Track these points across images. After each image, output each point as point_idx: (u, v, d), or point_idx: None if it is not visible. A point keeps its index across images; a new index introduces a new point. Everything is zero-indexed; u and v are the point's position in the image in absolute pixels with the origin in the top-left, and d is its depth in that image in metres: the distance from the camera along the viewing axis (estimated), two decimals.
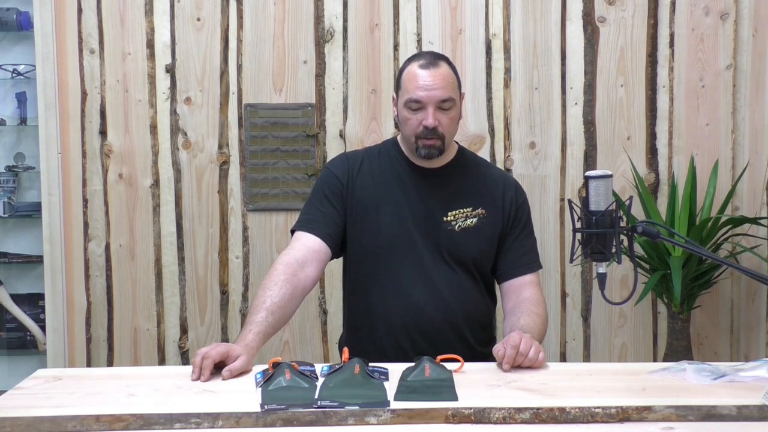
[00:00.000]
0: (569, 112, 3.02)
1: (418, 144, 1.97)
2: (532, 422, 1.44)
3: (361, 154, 2.13)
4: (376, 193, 2.04)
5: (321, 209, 2.05)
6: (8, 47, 3.18)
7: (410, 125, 1.97)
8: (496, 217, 2.05)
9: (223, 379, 1.66)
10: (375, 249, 2.01)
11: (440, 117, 1.95)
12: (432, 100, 1.93)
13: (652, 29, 3.00)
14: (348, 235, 2.05)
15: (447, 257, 2.01)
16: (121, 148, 3.01)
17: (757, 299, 3.00)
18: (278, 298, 1.92)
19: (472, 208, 2.03)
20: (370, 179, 2.06)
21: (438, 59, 1.98)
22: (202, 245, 3.04)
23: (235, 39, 3.00)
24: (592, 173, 1.60)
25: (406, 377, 1.61)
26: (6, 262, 3.17)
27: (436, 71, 1.94)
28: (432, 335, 1.98)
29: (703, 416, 1.45)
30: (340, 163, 2.11)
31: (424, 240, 2.00)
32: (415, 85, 1.94)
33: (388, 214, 2.02)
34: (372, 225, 2.02)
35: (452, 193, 2.04)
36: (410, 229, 2.01)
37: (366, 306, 2.05)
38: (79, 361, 3.04)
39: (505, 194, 2.08)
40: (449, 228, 2.01)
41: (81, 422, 1.43)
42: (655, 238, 1.61)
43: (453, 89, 1.97)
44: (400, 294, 1.99)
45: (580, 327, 3.07)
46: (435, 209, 2.02)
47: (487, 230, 2.04)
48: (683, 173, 2.96)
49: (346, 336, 2.15)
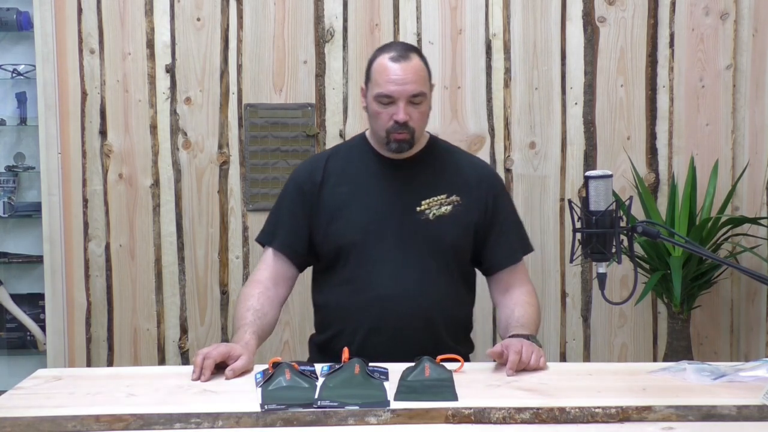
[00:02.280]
0: (569, 112, 3.02)
1: (389, 138, 1.94)
2: (532, 422, 1.44)
3: (326, 155, 2.11)
4: (345, 191, 2.01)
5: (285, 222, 2.05)
6: (8, 47, 3.18)
7: (381, 120, 1.94)
8: (471, 205, 2.01)
9: (227, 379, 1.67)
10: (343, 246, 1.98)
11: (411, 111, 1.91)
12: (403, 95, 1.90)
13: (652, 29, 3.00)
14: (317, 237, 2.02)
15: (422, 248, 1.97)
16: (121, 148, 3.01)
17: (757, 299, 3.00)
18: (259, 305, 1.95)
19: (446, 195, 1.99)
20: (337, 177, 2.03)
21: (409, 51, 1.95)
22: (202, 245, 3.04)
23: (235, 39, 3.00)
24: (592, 173, 1.60)
25: (406, 377, 1.61)
26: (6, 262, 3.16)
27: (408, 65, 1.91)
28: (400, 330, 1.93)
29: (703, 416, 1.45)
30: (302, 170, 2.10)
31: (398, 233, 1.97)
32: (386, 79, 1.91)
33: (357, 209, 1.99)
34: (341, 222, 1.99)
35: (425, 182, 2.00)
36: (381, 223, 1.97)
37: (338, 306, 2.01)
38: (79, 361, 3.04)
39: (482, 183, 2.04)
40: (423, 217, 1.97)
41: (81, 422, 1.43)
42: (655, 238, 1.61)
43: (424, 83, 1.94)
44: (368, 290, 1.96)
45: (580, 327, 3.07)
46: (408, 200, 1.98)
47: (463, 217, 2.00)
48: (683, 173, 2.96)
49: (316, 336, 2.11)
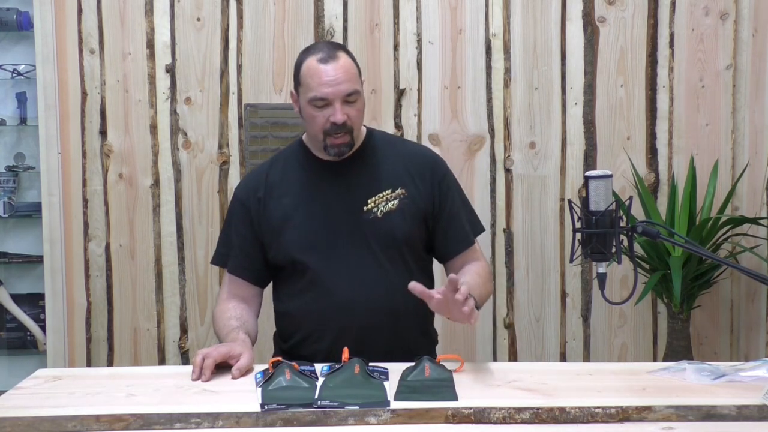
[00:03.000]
0: (569, 112, 3.02)
1: (327, 143, 1.90)
2: (532, 422, 1.44)
3: (265, 167, 2.06)
4: (289, 201, 1.97)
5: (237, 244, 2.02)
6: (8, 47, 3.18)
7: (317, 123, 1.90)
8: (418, 195, 1.98)
9: (233, 378, 1.67)
10: (296, 256, 1.95)
11: (347, 111, 1.88)
12: (338, 96, 1.87)
13: (652, 29, 3.00)
14: (270, 251, 1.99)
15: (375, 247, 1.94)
16: (121, 148, 3.01)
17: (757, 299, 3.00)
18: (238, 314, 1.95)
19: (392, 190, 1.96)
20: (279, 189, 1.99)
21: (336, 50, 1.91)
22: (202, 245, 3.04)
23: (235, 39, 3.00)
24: (592, 173, 1.60)
25: (406, 377, 1.61)
26: (6, 262, 3.16)
27: (337, 64, 1.87)
28: (365, 329, 1.90)
29: (703, 416, 1.45)
30: (243, 186, 2.06)
31: (347, 235, 1.94)
32: (318, 82, 1.87)
33: (304, 219, 1.95)
34: (290, 234, 1.95)
35: (368, 180, 1.97)
36: (330, 229, 1.94)
37: (299, 313, 1.98)
38: (79, 361, 3.04)
39: (424, 171, 2.01)
40: (371, 216, 1.94)
41: (81, 422, 1.43)
42: (655, 238, 1.61)
43: (356, 80, 1.91)
44: (327, 295, 1.93)
45: (580, 327, 3.07)
46: (353, 201, 1.95)
47: (411, 209, 1.96)
48: (683, 173, 2.96)
49: (282, 343, 2.06)
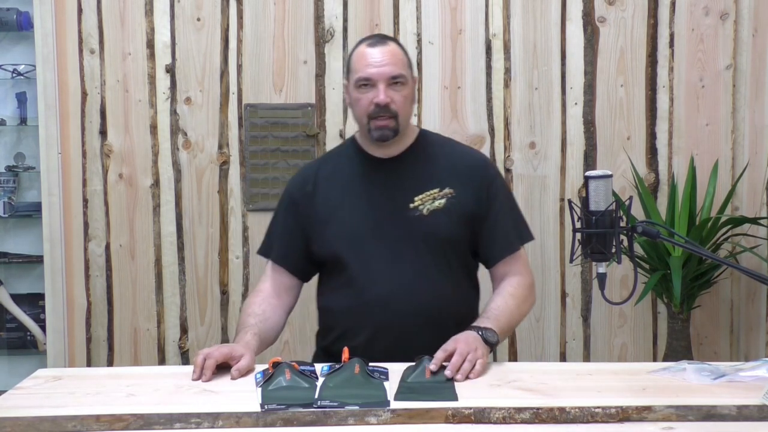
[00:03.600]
0: (569, 112, 3.02)
1: (371, 126, 1.90)
2: (532, 422, 1.44)
3: (317, 163, 2.10)
4: (336, 196, 1.99)
5: (282, 236, 2.04)
6: (8, 47, 3.18)
7: (361, 105, 1.90)
8: (466, 196, 1.97)
9: (233, 379, 1.67)
10: (339, 250, 1.96)
11: (392, 94, 1.88)
12: (382, 77, 1.87)
13: (652, 29, 3.00)
14: (314, 246, 2.01)
15: (419, 244, 1.93)
16: (121, 148, 3.01)
17: (757, 299, 3.00)
18: (260, 311, 1.95)
19: (439, 189, 1.95)
20: (328, 184, 2.01)
21: (386, 38, 1.95)
22: (202, 245, 3.04)
23: (235, 39, 3.00)
24: (592, 173, 1.60)
25: (407, 378, 1.61)
26: (6, 262, 3.16)
27: (385, 48, 1.90)
28: (403, 329, 1.90)
29: (703, 416, 1.45)
30: (294, 181, 2.09)
31: (392, 232, 1.94)
32: (363, 63, 1.89)
33: (349, 213, 1.97)
34: (335, 228, 1.97)
35: (416, 178, 1.97)
36: (375, 224, 1.95)
37: (339, 309, 1.99)
38: (79, 361, 3.04)
39: (474, 173, 2.00)
40: (417, 214, 1.93)
41: (81, 422, 1.43)
42: (655, 238, 1.61)
43: (404, 66, 1.92)
44: (366, 292, 1.93)
45: (580, 327, 3.07)
46: (400, 198, 1.95)
47: (458, 209, 1.95)
48: (683, 173, 2.96)
49: (321, 339, 2.08)
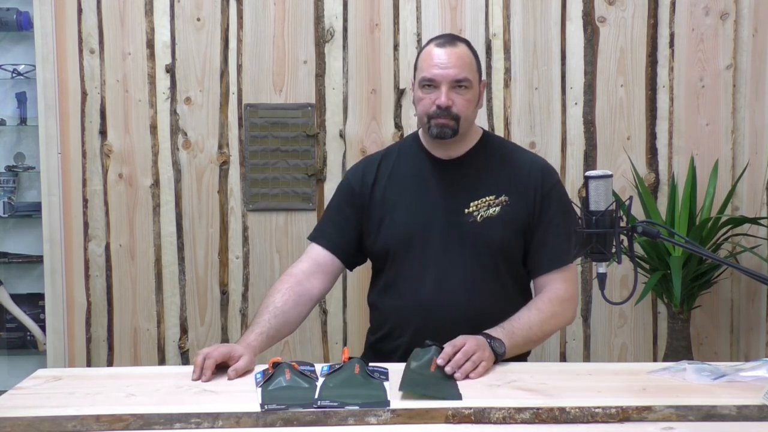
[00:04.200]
0: (569, 112, 3.02)
1: (431, 124, 1.91)
2: (532, 422, 1.44)
3: (379, 155, 2.10)
4: (393, 192, 1.99)
5: (333, 219, 2.05)
6: (8, 47, 3.18)
7: (423, 105, 1.92)
8: (521, 205, 1.95)
9: (229, 379, 1.67)
10: (391, 249, 1.97)
11: (455, 97, 1.89)
12: (446, 79, 1.88)
13: (652, 29, 3.00)
14: (369, 239, 2.02)
15: (470, 252, 1.92)
16: (121, 148, 3.01)
17: (757, 299, 3.00)
18: (281, 303, 1.94)
19: (495, 196, 1.94)
20: (387, 179, 2.01)
21: (456, 40, 1.94)
22: (202, 245, 3.04)
23: (235, 39, 3.00)
24: (592, 173, 1.60)
25: (412, 365, 1.63)
26: (6, 262, 3.16)
27: (452, 50, 1.90)
28: (441, 335, 1.87)
29: (703, 416, 1.45)
30: (355, 170, 2.10)
31: (444, 236, 1.93)
32: (429, 64, 1.89)
33: (404, 212, 1.97)
34: (389, 225, 1.98)
35: (474, 183, 1.96)
36: (427, 226, 1.95)
37: (385, 308, 2.02)
38: (79, 361, 3.04)
39: (530, 182, 1.97)
40: (471, 220, 1.93)
41: (81, 422, 1.43)
42: (655, 238, 1.61)
43: (470, 70, 1.91)
44: (411, 294, 1.95)
45: (580, 327, 3.07)
46: (456, 201, 1.95)
47: (511, 218, 1.94)
48: (683, 173, 2.96)
49: (371, 335, 2.10)
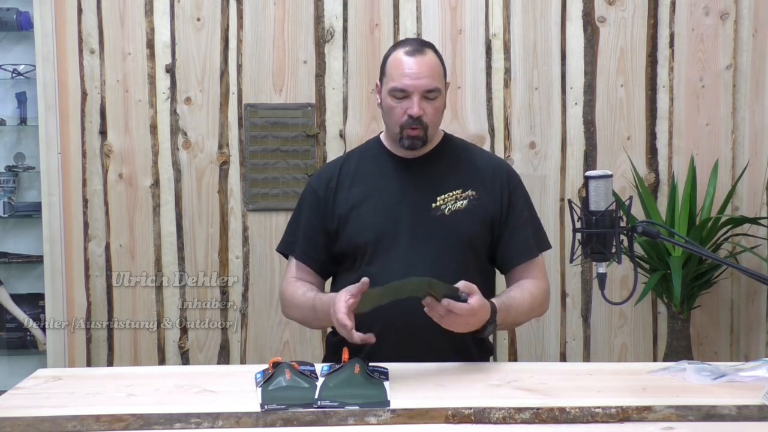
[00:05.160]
0: (569, 112, 3.02)
1: (402, 134, 1.94)
2: (532, 422, 1.44)
3: (341, 160, 2.11)
4: (358, 191, 2.01)
5: (301, 229, 2.05)
6: (8, 47, 3.18)
7: (395, 114, 1.93)
8: (487, 200, 1.99)
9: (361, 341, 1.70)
10: (357, 246, 1.98)
11: (425, 106, 1.91)
12: (418, 89, 1.90)
13: (652, 29, 3.00)
14: (333, 240, 2.02)
15: (438, 243, 1.94)
16: (121, 148, 3.01)
17: (757, 299, 3.00)
18: (309, 287, 1.99)
19: (462, 191, 1.98)
20: (351, 180, 2.03)
21: (424, 46, 1.95)
22: (202, 245, 3.04)
23: (235, 39, 3.00)
24: (592, 173, 1.60)
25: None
26: (6, 262, 3.16)
27: (423, 59, 1.91)
28: (414, 329, 1.88)
29: (703, 416, 1.45)
30: (318, 176, 2.11)
31: (412, 230, 1.95)
32: (400, 73, 1.91)
33: (370, 209, 1.99)
34: (354, 223, 1.99)
35: (439, 178, 1.99)
36: (395, 221, 1.96)
37: None
38: (79, 361, 3.04)
39: (496, 178, 2.02)
40: (438, 213, 1.96)
41: (81, 422, 1.43)
42: (655, 238, 1.61)
43: (439, 79, 1.94)
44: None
45: (580, 327, 3.07)
46: (422, 198, 1.97)
47: (479, 212, 1.98)
48: (683, 173, 2.96)
49: (332, 336, 2.08)
